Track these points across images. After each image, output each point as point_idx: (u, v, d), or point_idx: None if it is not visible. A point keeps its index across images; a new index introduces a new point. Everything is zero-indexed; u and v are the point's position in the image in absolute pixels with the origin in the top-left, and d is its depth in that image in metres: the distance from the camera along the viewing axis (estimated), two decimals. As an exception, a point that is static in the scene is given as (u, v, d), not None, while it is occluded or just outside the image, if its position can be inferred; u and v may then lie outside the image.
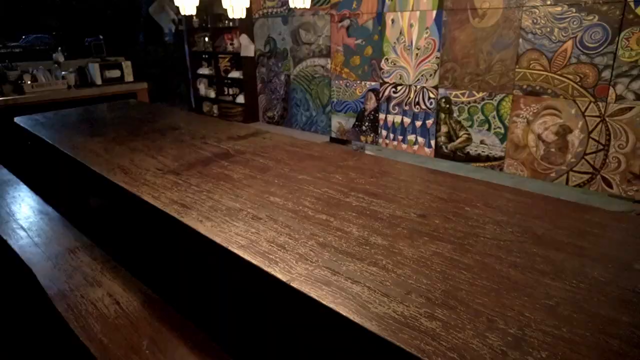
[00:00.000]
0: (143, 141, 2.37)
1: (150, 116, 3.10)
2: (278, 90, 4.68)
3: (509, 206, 1.43)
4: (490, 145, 3.16)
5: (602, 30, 2.55)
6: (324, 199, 1.52)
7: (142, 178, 1.78)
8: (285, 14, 4.34)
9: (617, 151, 2.63)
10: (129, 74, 4.75)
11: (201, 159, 2.02)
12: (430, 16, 3.25)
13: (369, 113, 3.88)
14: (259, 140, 2.35)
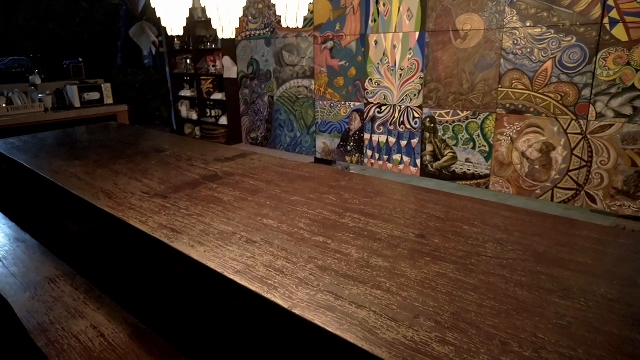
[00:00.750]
0: (127, 164, 2.30)
1: (132, 138, 3.03)
2: (261, 111, 4.67)
3: (506, 224, 1.42)
4: (475, 163, 3.18)
5: (580, 50, 2.62)
6: (319, 220, 1.49)
7: (128, 202, 1.72)
8: (268, 36, 4.36)
9: (599, 167, 2.68)
10: (109, 96, 4.67)
11: (189, 182, 1.97)
12: (413, 37, 3.30)
13: (354, 133, 3.89)
14: (247, 162, 2.31)
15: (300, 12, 1.40)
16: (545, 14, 2.70)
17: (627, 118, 2.55)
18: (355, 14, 3.61)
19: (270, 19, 4.28)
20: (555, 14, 2.67)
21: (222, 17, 1.59)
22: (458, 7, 3.04)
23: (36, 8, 6.96)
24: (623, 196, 2.62)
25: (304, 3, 1.39)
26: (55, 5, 7.34)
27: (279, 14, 1.44)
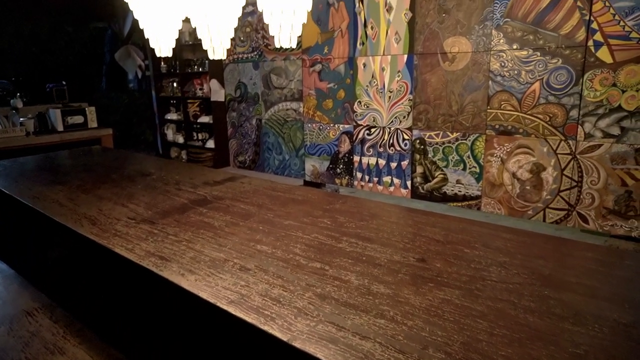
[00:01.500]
0: (111, 189, 2.22)
1: (117, 162, 2.95)
2: (249, 134, 4.63)
3: (508, 246, 1.38)
4: (466, 184, 3.17)
5: (566, 72, 2.66)
6: (315, 245, 1.43)
7: (113, 228, 1.64)
8: (256, 59, 4.36)
9: (590, 187, 2.69)
10: (93, 119, 4.59)
11: (177, 206, 1.90)
12: (402, 60, 3.33)
13: (343, 155, 3.87)
14: (237, 185, 2.25)
15: (294, 32, 1.38)
16: (531, 37, 2.75)
17: (615, 138, 2.57)
18: (343, 37, 3.64)
19: (258, 42, 4.29)
20: (541, 37, 2.71)
21: (213, 37, 1.56)
22: (445, 30, 3.08)
23: (20, 32, 6.90)
24: (614, 216, 2.63)
25: (297, 23, 1.37)
26: (40, 29, 7.29)
27: (271, 34, 1.41)
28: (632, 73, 2.46)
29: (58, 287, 2.06)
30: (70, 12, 6.98)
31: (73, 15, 7.15)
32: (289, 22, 1.35)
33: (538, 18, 2.70)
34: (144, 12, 1.77)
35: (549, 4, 2.66)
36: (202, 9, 1.52)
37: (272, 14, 1.35)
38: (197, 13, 1.53)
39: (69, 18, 7.28)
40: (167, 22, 1.75)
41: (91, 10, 6.88)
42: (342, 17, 3.61)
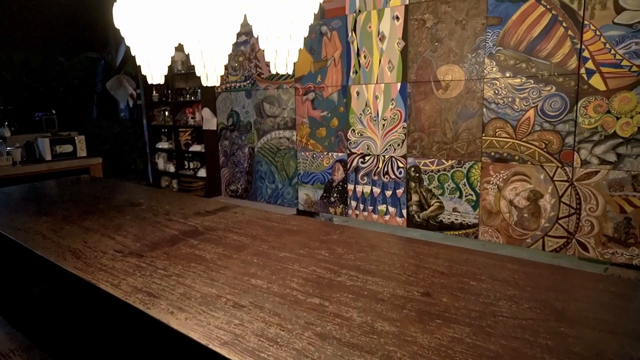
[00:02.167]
0: (98, 220, 2.14)
1: (106, 192, 2.87)
2: (242, 163, 4.58)
3: (516, 278, 1.32)
4: (463, 212, 3.13)
5: (560, 99, 2.67)
6: (313, 279, 1.35)
7: (98, 262, 1.55)
8: (248, 88, 4.36)
9: (588, 214, 2.65)
10: (82, 148, 4.52)
11: (167, 238, 1.82)
12: (395, 88, 3.33)
13: (337, 184, 3.82)
14: (230, 215, 2.17)
15: (290, 58, 1.35)
16: (523, 65, 2.76)
17: (611, 165, 2.56)
18: (336, 66, 3.65)
19: (251, 71, 4.30)
20: (534, 65, 2.73)
21: (207, 64, 1.52)
22: (438, 59, 3.09)
23: (12, 61, 6.88)
24: (615, 243, 2.58)
25: (294, 49, 1.34)
26: (32, 59, 7.27)
27: (267, 60, 1.38)
28: (626, 100, 2.47)
29: (38, 327, 1.94)
30: (63, 41, 6.99)
31: (66, 45, 7.16)
32: (285, 48, 1.32)
33: (530, 46, 2.73)
34: (135, 39, 1.73)
35: (540, 33, 2.69)
36: (195, 34, 1.49)
37: (267, 39, 1.31)
38: (191, 39, 1.50)
39: (62, 48, 7.28)
40: (159, 49, 1.71)
41: (84, 40, 6.89)
42: (335, 46, 3.64)
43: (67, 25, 5.94)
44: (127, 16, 1.70)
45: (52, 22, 5.66)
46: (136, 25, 1.70)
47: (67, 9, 5.33)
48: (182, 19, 1.50)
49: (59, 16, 5.45)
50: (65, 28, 6.08)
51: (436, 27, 3.07)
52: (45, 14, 5.41)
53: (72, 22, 5.81)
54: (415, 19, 3.16)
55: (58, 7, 5.15)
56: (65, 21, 5.72)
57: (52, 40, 6.67)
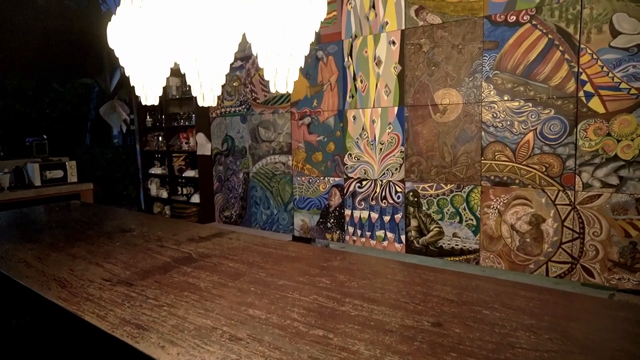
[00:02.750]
0: (87, 246, 2.04)
1: (96, 218, 2.77)
2: (236, 188, 4.50)
3: (531, 306, 1.24)
4: (463, 238, 3.06)
5: (559, 122, 2.65)
6: (315, 309, 1.27)
7: (85, 292, 1.46)
8: (243, 113, 4.33)
9: (592, 239, 2.59)
10: (73, 174, 4.43)
11: (159, 265, 1.72)
12: (392, 112, 3.31)
13: (334, 209, 3.75)
14: (225, 242, 2.09)
15: (291, 77, 1.30)
16: (521, 88, 2.76)
17: (614, 188, 2.52)
18: (332, 90, 3.64)
19: (246, 96, 4.28)
20: (532, 88, 2.73)
21: (203, 83, 1.47)
22: (435, 83, 3.09)
23: (5, 88, 6.85)
24: (621, 269, 2.52)
25: (294, 66, 1.29)
26: (26, 85, 7.25)
27: (267, 78, 1.33)
28: (626, 123, 2.45)
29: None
30: (57, 67, 6.98)
31: (60, 70, 7.14)
32: (284, 65, 1.27)
33: (527, 70, 2.73)
34: (130, 60, 1.69)
35: (537, 56, 2.69)
36: (192, 54, 1.44)
37: (267, 57, 1.27)
38: (187, 58, 1.46)
39: (57, 73, 7.27)
40: (154, 69, 1.67)
41: (79, 66, 6.89)
42: (331, 70, 3.63)
43: (61, 50, 5.94)
44: (121, 36, 1.66)
45: (47, 48, 5.66)
46: (131, 45, 1.66)
47: (62, 35, 5.33)
48: (179, 38, 1.46)
49: (54, 41, 5.46)
50: (60, 53, 6.08)
51: (433, 51, 3.08)
52: (40, 39, 5.41)
53: (67, 47, 5.81)
54: (412, 43, 3.17)
55: (53, 32, 5.16)
56: (60, 47, 5.72)
57: (47, 65, 6.66)
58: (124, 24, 1.65)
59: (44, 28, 5.26)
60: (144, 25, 1.59)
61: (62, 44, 5.68)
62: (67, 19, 5.45)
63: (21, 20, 5.08)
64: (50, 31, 5.23)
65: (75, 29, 5.43)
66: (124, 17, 1.65)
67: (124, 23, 1.65)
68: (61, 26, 5.33)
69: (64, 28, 5.34)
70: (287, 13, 1.24)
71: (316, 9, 1.25)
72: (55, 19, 5.25)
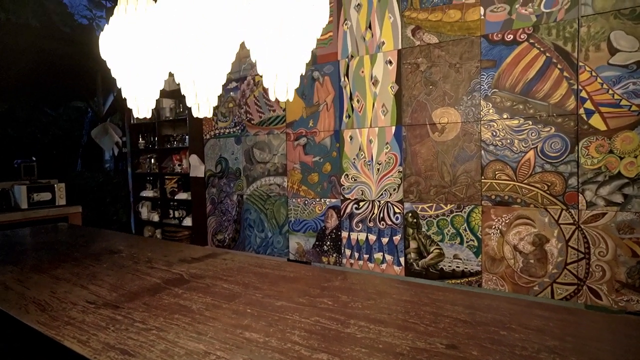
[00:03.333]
0: (72, 268, 1.93)
1: (83, 240, 2.65)
2: (229, 211, 4.40)
3: (550, 326, 1.15)
4: (464, 259, 2.97)
5: (560, 140, 2.61)
6: (317, 331, 1.17)
7: (66, 315, 1.35)
8: (238, 134, 4.27)
9: (598, 259, 2.52)
10: (62, 197, 4.31)
11: (148, 287, 1.62)
12: (390, 132, 3.27)
13: (330, 231, 3.65)
14: (219, 262, 1.99)
15: (291, 84, 1.24)
16: (521, 106, 2.73)
17: (619, 206, 2.46)
18: (328, 111, 3.60)
19: (241, 117, 4.23)
20: (531, 106, 2.70)
21: (199, 93, 1.40)
22: (433, 102, 3.06)
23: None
24: (629, 290, 2.43)
25: (295, 72, 1.23)
26: (18, 109, 7.17)
27: (266, 86, 1.27)
28: (628, 140, 2.42)
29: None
30: (50, 90, 6.91)
31: (53, 94, 7.08)
32: (285, 71, 1.21)
33: (526, 88, 2.71)
34: (122, 70, 1.62)
35: (536, 74, 2.67)
36: (186, 61, 1.38)
37: (267, 62, 1.21)
38: (182, 67, 1.39)
39: (49, 97, 7.20)
40: (147, 80, 1.60)
41: (72, 88, 6.84)
42: (328, 91, 3.61)
43: (54, 73, 5.89)
44: (114, 46, 1.60)
45: (40, 70, 5.61)
46: (123, 56, 1.59)
47: (55, 57, 5.29)
48: (173, 45, 1.40)
49: (46, 64, 5.41)
50: (52, 76, 6.03)
51: (430, 70, 3.06)
52: (33, 61, 5.36)
53: (59, 70, 5.76)
54: (409, 63, 3.15)
55: (46, 55, 5.12)
56: (53, 69, 5.68)
57: (39, 88, 6.60)
58: (117, 34, 1.59)
59: (37, 50, 5.23)
60: (138, 35, 1.54)
61: (55, 66, 5.64)
62: (60, 41, 5.42)
63: (13, 41, 5.05)
64: (43, 53, 5.20)
65: (68, 51, 5.41)
66: (117, 27, 1.59)
67: (117, 33, 1.59)
68: (54, 48, 5.30)
69: (57, 50, 5.31)
70: (287, 17, 1.19)
71: (317, 14, 1.21)
72: (48, 41, 5.22)
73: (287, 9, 1.19)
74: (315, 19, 1.21)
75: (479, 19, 2.86)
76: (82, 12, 9.62)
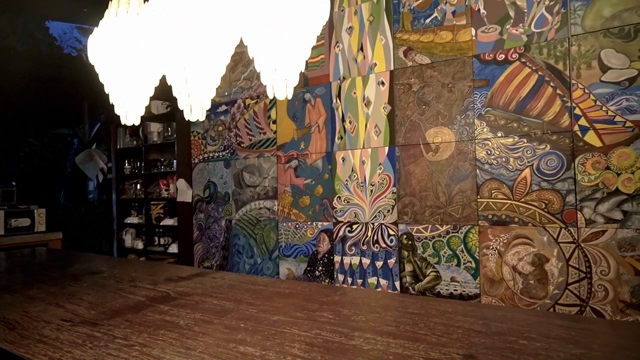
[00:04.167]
0: (48, 288, 1.79)
1: (62, 262, 2.51)
2: (217, 237, 4.26)
3: (573, 335, 1.06)
4: (462, 282, 2.87)
5: (556, 157, 2.58)
6: (319, 343, 1.06)
7: (38, 333, 1.22)
8: (227, 158, 4.19)
9: (600, 278, 2.44)
10: (42, 223, 4.13)
11: (130, 305, 1.49)
12: (383, 152, 3.22)
13: (323, 256, 3.53)
14: (208, 280, 1.87)
15: (291, 80, 1.18)
16: (515, 124, 2.71)
17: (618, 223, 2.41)
18: (320, 132, 3.56)
19: (231, 140, 4.17)
20: (525, 124, 2.69)
21: (192, 94, 1.33)
22: (426, 122, 3.04)
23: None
24: (634, 310, 2.35)
25: (294, 69, 1.17)
26: (1, 142, 7.00)
27: (264, 82, 1.21)
28: (624, 156, 2.40)
29: None
30: (35, 116, 6.77)
31: (38, 120, 6.94)
32: (284, 65, 1.15)
33: (520, 106, 2.70)
34: (111, 73, 1.55)
35: (529, 93, 2.68)
36: (180, 62, 1.32)
37: (266, 57, 1.15)
38: (175, 66, 1.33)
39: (34, 124, 7.05)
40: (137, 82, 1.53)
41: (57, 114, 6.72)
42: (319, 112, 3.58)
43: (39, 98, 5.79)
44: (103, 49, 1.53)
45: (24, 95, 5.50)
46: (113, 58, 1.53)
47: (41, 82, 5.20)
48: (167, 45, 1.34)
49: (31, 89, 5.31)
50: (37, 102, 5.92)
51: (423, 90, 3.06)
52: (17, 86, 5.27)
53: (45, 95, 5.66)
54: (401, 83, 3.15)
55: (31, 79, 5.03)
56: (38, 95, 5.58)
57: (23, 115, 6.47)
58: (107, 36, 1.53)
59: (21, 75, 5.14)
60: (128, 36, 1.48)
61: (40, 91, 5.55)
62: (46, 66, 5.36)
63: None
64: (29, 78, 5.12)
65: (55, 76, 5.33)
66: (107, 30, 1.53)
67: (107, 36, 1.53)
68: (40, 73, 5.22)
69: (43, 75, 5.23)
70: (287, 11, 1.14)
71: (318, 9, 1.16)
72: (34, 65, 5.14)
73: (287, 2, 1.14)
74: (315, 13, 1.16)
75: (470, 39, 2.89)
76: (71, 43, 9.63)
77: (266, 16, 1.13)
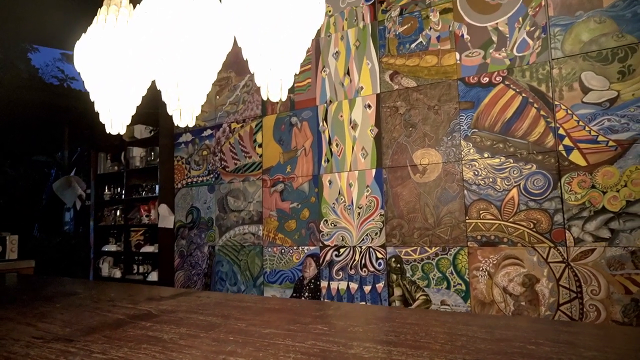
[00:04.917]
0: (19, 309, 1.67)
1: (34, 285, 2.37)
2: (199, 264, 4.12)
3: (583, 340, 1.02)
4: (452, 305, 2.81)
5: (543, 177, 2.60)
6: (317, 353, 0.99)
7: (5, 350, 1.11)
8: (211, 182, 4.12)
9: (591, 298, 2.42)
10: (13, 250, 3.95)
11: (109, 322, 1.39)
12: (370, 175, 3.21)
13: (309, 281, 3.44)
14: (193, 299, 1.77)
15: (286, 80, 1.15)
16: (501, 145, 2.74)
17: (607, 241, 2.42)
18: (307, 156, 3.54)
19: (215, 164, 4.11)
20: (511, 145, 2.72)
21: (182, 97, 1.29)
22: (413, 144, 3.05)
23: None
24: (627, 330, 2.31)
25: (289, 70, 1.15)
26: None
27: (258, 84, 1.18)
28: (609, 174, 2.43)
29: None
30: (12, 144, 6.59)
31: (15, 147, 6.74)
32: (279, 66, 1.13)
33: (505, 127, 2.74)
34: (97, 80, 1.51)
35: (514, 114, 2.72)
36: (171, 65, 1.29)
37: (261, 56, 1.13)
38: (165, 70, 1.29)
39: (10, 150, 6.85)
40: (123, 89, 1.49)
41: (35, 141, 6.57)
42: (306, 136, 3.57)
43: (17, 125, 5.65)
44: (89, 55, 1.49)
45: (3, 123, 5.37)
46: (99, 64, 1.49)
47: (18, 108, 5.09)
48: (157, 48, 1.31)
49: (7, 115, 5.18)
50: (15, 128, 5.78)
51: (409, 113, 3.08)
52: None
53: (23, 120, 5.54)
54: (388, 106, 3.18)
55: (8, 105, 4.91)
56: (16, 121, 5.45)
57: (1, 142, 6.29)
58: (93, 43, 1.49)
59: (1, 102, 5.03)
60: (116, 41, 1.44)
61: (18, 117, 5.42)
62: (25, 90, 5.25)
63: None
64: (5, 104, 5.00)
65: (35, 101, 5.23)
66: (94, 36, 1.50)
67: (93, 42, 1.49)
68: (19, 99, 5.12)
69: (21, 101, 5.12)
70: (283, 11, 1.13)
71: (314, 8, 1.15)
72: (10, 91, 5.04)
73: (282, 2, 1.13)
74: (311, 14, 1.15)
75: (455, 63, 2.95)
76: (54, 73, 9.56)
77: (262, 13, 1.11)
